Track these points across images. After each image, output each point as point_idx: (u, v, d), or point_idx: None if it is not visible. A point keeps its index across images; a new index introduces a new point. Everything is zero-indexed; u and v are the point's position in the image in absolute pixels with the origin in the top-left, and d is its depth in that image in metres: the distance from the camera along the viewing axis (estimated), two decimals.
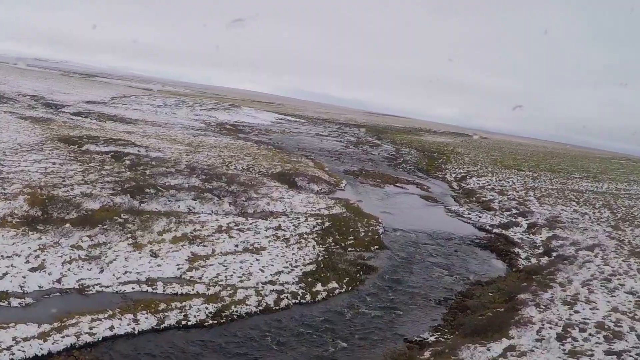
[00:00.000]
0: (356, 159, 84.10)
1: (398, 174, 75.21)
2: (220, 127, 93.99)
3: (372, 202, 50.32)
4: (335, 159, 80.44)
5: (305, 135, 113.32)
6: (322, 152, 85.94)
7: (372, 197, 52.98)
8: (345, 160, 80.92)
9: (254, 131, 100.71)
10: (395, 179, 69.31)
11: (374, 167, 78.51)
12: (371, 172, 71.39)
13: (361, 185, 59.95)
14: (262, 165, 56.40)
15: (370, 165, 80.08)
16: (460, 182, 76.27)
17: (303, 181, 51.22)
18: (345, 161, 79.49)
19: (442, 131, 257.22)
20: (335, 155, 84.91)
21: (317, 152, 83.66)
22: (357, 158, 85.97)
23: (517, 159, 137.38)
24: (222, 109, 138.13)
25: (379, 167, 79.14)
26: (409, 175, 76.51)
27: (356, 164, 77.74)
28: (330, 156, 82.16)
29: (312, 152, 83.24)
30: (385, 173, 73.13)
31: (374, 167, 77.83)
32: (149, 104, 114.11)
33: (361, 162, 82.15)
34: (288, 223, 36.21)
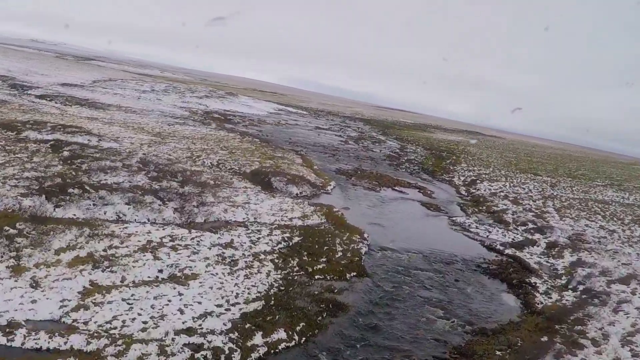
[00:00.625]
0: (354, 157, 76.98)
1: (399, 175, 68.08)
2: (206, 116, 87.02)
3: (361, 210, 43.23)
4: (330, 155, 73.34)
5: (302, 128, 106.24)
6: (316, 147, 78.85)
7: (362, 204, 45.87)
8: (341, 157, 73.82)
9: (245, 121, 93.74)
10: (395, 181, 62.19)
11: (372, 166, 71.38)
12: (368, 172, 64.28)
13: (353, 188, 52.86)
14: (237, 161, 49.45)
15: (369, 164, 72.96)
16: (470, 187, 69.05)
17: (281, 182, 44.20)
18: (341, 158, 72.40)
19: (454, 129, 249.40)
20: (331, 151, 77.80)
21: (310, 147, 76.58)
22: (355, 155, 78.83)
23: (533, 161, 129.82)
24: (216, 97, 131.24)
25: (379, 167, 72.01)
26: (412, 177, 69.35)
27: (352, 162, 70.67)
28: (324, 152, 75.07)
29: (305, 147, 76.19)
30: (384, 174, 65.99)
31: (373, 167, 70.72)
32: (133, 89, 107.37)
33: (359, 160, 75.03)
34: (244, 238, 29.19)
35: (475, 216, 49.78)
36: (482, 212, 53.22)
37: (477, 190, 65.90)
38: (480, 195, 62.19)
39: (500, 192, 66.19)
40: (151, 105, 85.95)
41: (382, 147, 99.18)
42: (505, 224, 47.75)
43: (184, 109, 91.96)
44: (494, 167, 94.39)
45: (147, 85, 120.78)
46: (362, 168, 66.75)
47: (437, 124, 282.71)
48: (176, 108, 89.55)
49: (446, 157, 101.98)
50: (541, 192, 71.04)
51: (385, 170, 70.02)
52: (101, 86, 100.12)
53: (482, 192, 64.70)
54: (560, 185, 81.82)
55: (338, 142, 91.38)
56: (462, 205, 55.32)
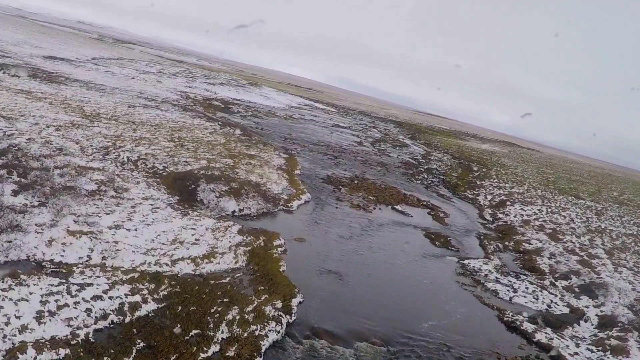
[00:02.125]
0: (361, 161, 62.16)
1: (410, 189, 53.11)
2: (197, 103, 73.40)
3: (323, 244, 28.50)
4: (331, 157, 58.71)
5: (316, 124, 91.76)
6: (319, 146, 64.34)
7: (332, 233, 31.12)
8: (344, 161, 59.12)
9: (247, 112, 79.82)
10: (401, 196, 47.31)
11: (379, 174, 56.51)
12: (369, 182, 49.52)
13: (336, 204, 38.32)
14: (174, 158, 35.42)
15: (376, 171, 58.09)
16: (497, 209, 53.56)
17: (214, 192, 29.86)
18: (343, 162, 57.72)
19: (490, 138, 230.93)
20: (335, 152, 63.14)
21: (309, 146, 62.13)
22: (364, 160, 63.99)
23: (573, 180, 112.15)
24: (233, 86, 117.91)
25: (387, 176, 57.08)
26: (426, 192, 54.23)
27: (355, 168, 55.94)
28: (325, 153, 60.49)
29: (304, 145, 61.83)
30: (389, 186, 51.09)
31: (380, 176, 55.86)
32: (135, 69, 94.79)
33: (366, 165, 60.20)
34: (32, 305, 15.04)
35: (498, 258, 34.57)
36: (509, 249, 37.97)
37: (506, 216, 50.42)
38: (508, 224, 46.79)
39: (535, 219, 50.54)
40: (135, 85, 72.89)
41: (403, 152, 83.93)
42: (539, 274, 32.51)
43: (179, 93, 78.66)
44: (529, 185, 78.13)
45: (157, 68, 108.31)
46: (363, 177, 52.03)
47: (474, 132, 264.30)
48: (168, 91, 76.29)
49: (475, 169, 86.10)
50: (585, 222, 54.96)
51: (395, 181, 55.08)
52: (96, 63, 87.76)
53: (512, 219, 49.22)
54: (607, 213, 65.16)
55: (350, 143, 76.62)
56: (482, 237, 40.11)
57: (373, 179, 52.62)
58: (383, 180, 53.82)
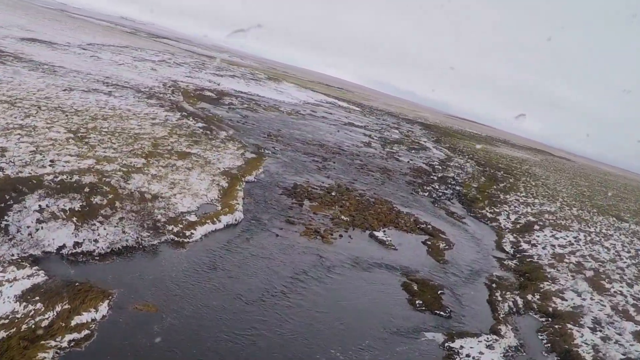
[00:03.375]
0: (358, 166, 49.16)
1: (411, 204, 40.02)
2: (181, 92, 61.29)
3: (191, 318, 15.92)
4: (317, 160, 45.93)
5: (324, 122, 78.97)
6: (308, 146, 51.63)
7: (226, 291, 18.47)
8: (333, 164, 46.25)
9: (243, 105, 67.59)
10: (392, 215, 34.30)
11: (375, 184, 43.53)
12: (353, 195, 36.58)
13: (280, 229, 25.75)
14: (45, 155, 23.37)
15: (373, 179, 45.08)
16: (521, 235, 39.88)
17: (42, 212, 17.57)
18: (330, 166, 44.87)
19: (522, 145, 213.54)
20: (326, 154, 50.32)
21: (295, 146, 49.55)
22: (363, 164, 50.96)
23: (610, 195, 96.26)
24: (246, 79, 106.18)
25: (386, 186, 44.02)
26: (432, 209, 40.98)
27: (344, 175, 43.06)
28: (312, 155, 47.69)
29: (288, 144, 49.27)
30: (382, 199, 38.05)
31: (374, 185, 42.87)
32: (133, 57, 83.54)
33: (362, 171, 47.21)
34: None
35: (513, 330, 21.30)
36: (531, 309, 24.67)
37: (532, 247, 36.75)
38: (535, 260, 33.20)
39: (571, 253, 36.76)
40: (112, 71, 61.37)
41: (417, 156, 70.40)
42: None
43: (166, 81, 66.95)
44: (562, 201, 63.62)
45: (163, 57, 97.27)
46: (351, 186, 39.14)
47: (506, 138, 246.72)
48: (151, 79, 64.55)
49: (500, 179, 71.87)
50: (636, 258, 40.74)
51: (393, 193, 41.99)
52: (85, 48, 76.82)
53: (540, 252, 35.56)
54: None
55: (354, 144, 63.59)
56: (494, 285, 26.79)
57: (363, 189, 39.67)
58: (377, 191, 40.80)
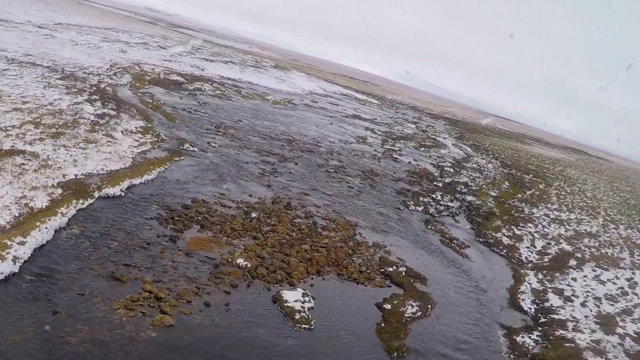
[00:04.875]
0: (331, 169, 35.95)
1: (387, 226, 26.84)
2: (131, 74, 49.07)
3: None
4: (269, 161, 32.89)
5: (318, 113, 65.84)
6: (270, 141, 38.66)
7: None
8: (293, 167, 33.21)
9: (216, 91, 55.02)
10: (343, 250, 21.19)
11: (341, 196, 30.34)
12: (287, 216, 23.52)
13: (91, 298, 13.11)
14: None
15: (341, 189, 31.84)
16: (549, 277, 26.19)
17: None
18: (287, 169, 31.83)
19: (556, 143, 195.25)
20: (289, 153, 37.23)
21: (246, 140, 36.64)
22: (340, 166, 37.75)
23: None
24: (245, 66, 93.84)
25: (359, 199, 30.80)
26: (419, 234, 27.66)
27: (301, 182, 30.03)
28: (266, 153, 34.61)
29: (238, 138, 36.43)
30: (342, 220, 24.90)
31: (342, 197, 29.69)
32: (102, 37, 71.57)
33: (333, 177, 34.02)
34: None
35: None
36: None
37: (566, 302, 23.08)
38: (567, 337, 19.61)
39: (624, 312, 23.01)
40: (55, 51, 49.73)
41: (426, 156, 56.64)
42: None
43: (125, 62, 54.86)
44: (605, 216, 48.95)
45: (145, 40, 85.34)
46: (297, 200, 26.13)
47: (539, 136, 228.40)
48: (103, 60, 52.42)
49: (528, 184, 57.52)
50: None
51: (368, 209, 28.80)
52: (43, 27, 65.00)
53: (576, 315, 21.93)
54: None
55: (344, 139, 50.34)
56: None
57: (318, 205, 26.56)
58: (341, 207, 27.64)
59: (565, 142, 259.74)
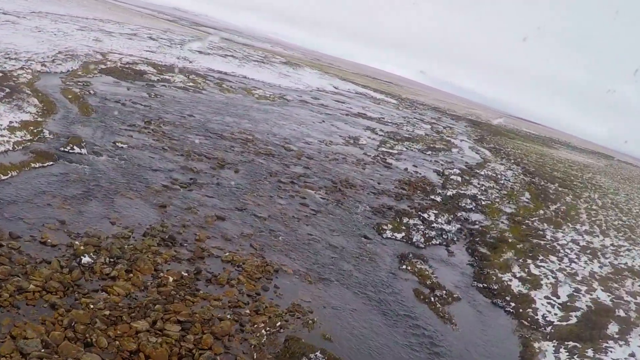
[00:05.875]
0: (288, 178, 26.67)
1: (333, 267, 17.44)
2: (82, 61, 40.91)
3: None
4: (195, 169, 23.92)
5: (312, 109, 56.61)
6: (220, 141, 29.63)
7: None
8: (228, 174, 24.15)
9: (186, 83, 46.39)
10: (226, 328, 12.06)
11: (281, 219, 21.05)
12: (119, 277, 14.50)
13: None
14: None
15: (291, 208, 22.57)
16: (577, 353, 16.57)
17: None
18: (216, 180, 22.77)
19: (583, 147, 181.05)
20: (237, 156, 28.15)
21: (182, 140, 27.69)
22: (303, 174, 28.40)
23: None
24: (247, 61, 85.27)
25: (310, 223, 21.47)
26: (383, 281, 18.20)
27: (229, 199, 20.89)
28: (200, 157, 25.56)
29: (171, 137, 27.50)
30: (262, 264, 15.73)
31: (275, 224, 20.44)
32: (78, 26, 63.59)
33: (284, 191, 24.75)
34: None
35: None
36: None
37: None
38: None
39: None
40: (17, 38, 42.11)
41: (432, 160, 46.77)
42: None
43: (87, 50, 46.78)
44: None
45: (135, 32, 77.38)
46: (195, 230, 17.01)
47: (566, 140, 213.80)
48: (56, 48, 44.40)
49: (553, 196, 47.14)
50: None
51: (316, 239, 19.52)
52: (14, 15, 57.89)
53: None
54: None
55: (330, 139, 40.92)
56: None
57: (234, 232, 17.36)
58: (275, 234, 18.41)
59: (593, 146, 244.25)
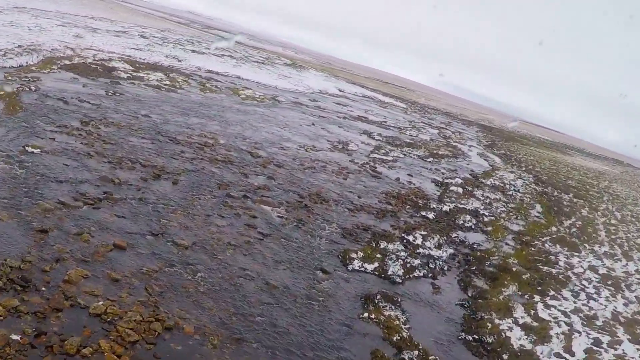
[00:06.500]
0: (242, 191, 21.57)
1: (276, 317, 12.23)
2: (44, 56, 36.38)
3: None
4: (118, 180, 18.97)
5: (305, 111, 51.55)
6: (177, 145, 24.60)
7: None
8: (160, 190, 19.13)
9: (161, 82, 41.63)
10: None
11: (219, 245, 15.86)
12: None
13: None
14: None
15: (229, 231, 17.43)
16: None
17: None
18: (133, 197, 17.78)
19: (598, 154, 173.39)
20: (189, 165, 23.12)
21: (131, 146, 22.70)
22: (257, 187, 23.25)
23: None
24: (246, 62, 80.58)
25: (256, 247, 16.27)
26: (344, 334, 12.94)
27: (145, 221, 15.85)
28: (136, 165, 20.67)
29: (118, 142, 22.50)
30: (149, 319, 10.64)
31: (209, 253, 15.28)
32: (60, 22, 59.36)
33: (232, 204, 19.66)
34: None
35: None
36: None
37: None
38: None
39: None
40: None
41: (432, 169, 41.32)
42: None
43: (57, 45, 42.40)
44: None
45: (126, 29, 72.98)
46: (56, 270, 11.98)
47: (580, 146, 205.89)
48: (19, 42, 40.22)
49: (567, 208, 41.38)
50: None
51: (246, 278, 14.31)
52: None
53: None
54: None
55: (314, 144, 35.73)
56: None
57: (121, 272, 12.23)
58: (189, 270, 13.24)
59: (607, 152, 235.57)
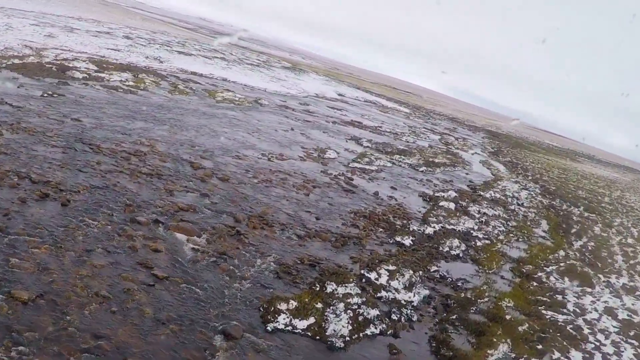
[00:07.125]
0: (155, 214, 16.41)
1: None
2: None
3: None
4: None
5: (288, 116, 46.42)
6: (98, 155, 19.51)
7: None
8: (31, 217, 13.99)
9: (124, 83, 36.84)
10: None
11: (76, 301, 10.64)
12: None
13: None
14: None
15: (98, 280, 12.22)
16: None
17: None
18: None
19: (609, 161, 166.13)
20: (98, 180, 17.99)
21: (28, 159, 17.61)
22: (178, 210, 18.06)
23: None
24: (239, 64, 75.80)
25: (114, 302, 11.05)
26: None
27: None
28: (17, 183, 15.63)
29: (15, 152, 17.49)
30: None
31: None
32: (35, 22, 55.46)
33: (132, 235, 14.47)
34: None
35: None
36: None
37: None
38: None
39: None
40: None
41: (426, 179, 35.83)
42: None
43: (16, 44, 37.92)
44: None
45: (107, 30, 68.60)
46: None
47: (590, 153, 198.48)
48: None
49: (577, 224, 35.66)
50: None
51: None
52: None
53: None
54: None
55: (284, 152, 30.46)
56: None
57: None
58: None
59: (617, 159, 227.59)
